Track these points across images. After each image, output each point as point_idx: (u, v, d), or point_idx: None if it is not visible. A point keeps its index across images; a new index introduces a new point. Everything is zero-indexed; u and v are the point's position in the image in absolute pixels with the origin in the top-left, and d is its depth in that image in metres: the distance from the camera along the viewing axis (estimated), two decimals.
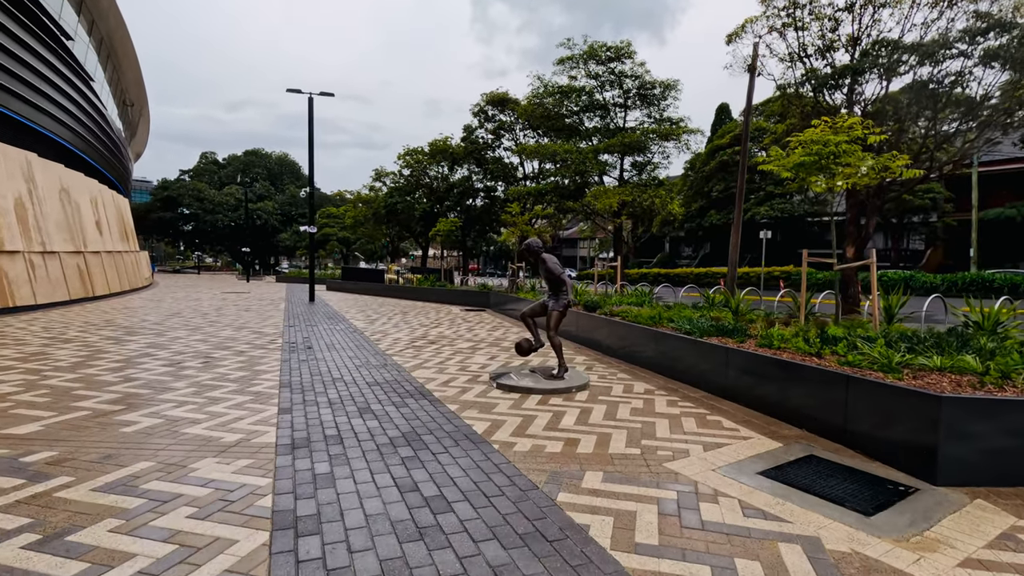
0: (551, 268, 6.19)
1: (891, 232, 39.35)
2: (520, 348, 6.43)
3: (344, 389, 5.83)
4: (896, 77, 13.26)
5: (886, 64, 12.31)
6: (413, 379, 6.39)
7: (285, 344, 9.11)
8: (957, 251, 35.69)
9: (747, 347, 5.77)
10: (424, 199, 37.33)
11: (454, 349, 8.87)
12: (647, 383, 6.40)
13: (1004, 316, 6.74)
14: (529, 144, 25.43)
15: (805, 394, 4.62)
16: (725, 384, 5.63)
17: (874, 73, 13.57)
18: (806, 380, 4.63)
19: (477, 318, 14.32)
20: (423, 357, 8.00)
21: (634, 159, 24.06)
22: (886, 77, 13.61)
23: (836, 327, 6.80)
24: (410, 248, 68.28)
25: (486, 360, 7.85)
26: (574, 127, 26.57)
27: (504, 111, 30.80)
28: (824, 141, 7.81)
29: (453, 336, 10.52)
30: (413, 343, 9.49)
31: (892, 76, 12.83)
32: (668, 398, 5.65)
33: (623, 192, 16.99)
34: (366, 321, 13.09)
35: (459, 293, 19.74)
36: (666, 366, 6.84)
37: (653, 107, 23.00)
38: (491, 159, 33.68)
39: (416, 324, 12.55)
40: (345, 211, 49.10)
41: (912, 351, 5.00)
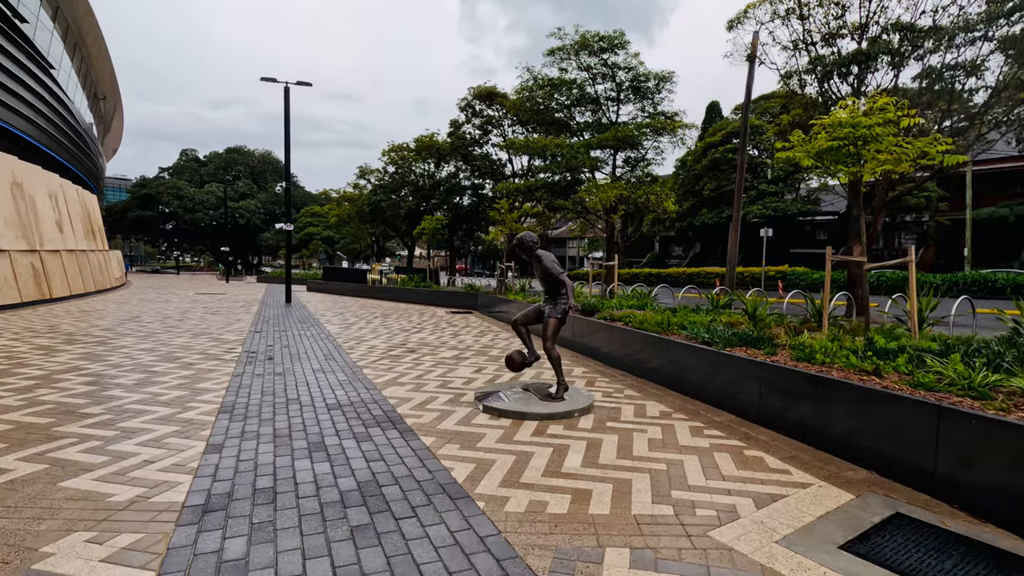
0: (548, 267, 5.21)
1: (884, 231, 38.90)
2: (511, 362, 5.43)
3: (297, 415, 4.79)
4: (907, 66, 12.49)
5: (901, 49, 11.49)
6: (384, 400, 5.37)
7: (244, 354, 8.03)
8: (949, 250, 35.35)
9: (780, 361, 4.83)
10: (410, 197, 36.15)
11: (436, 359, 7.85)
12: (661, 402, 5.43)
13: None
14: (518, 139, 24.39)
15: (870, 425, 3.67)
16: (758, 407, 4.68)
17: (884, 61, 12.79)
18: (868, 406, 3.69)
19: (463, 321, 13.30)
20: (399, 370, 6.97)
21: (627, 155, 23.13)
22: (896, 65, 12.84)
23: (879, 336, 5.90)
24: (396, 248, 67.03)
25: (471, 374, 6.84)
26: (564, 122, 25.61)
27: (492, 105, 29.73)
28: (854, 123, 6.91)
29: (436, 343, 9.50)
30: (390, 352, 8.45)
31: (905, 64, 12.04)
32: (690, 424, 4.69)
33: (620, 186, 16.07)
34: (341, 325, 12.01)
35: (445, 294, 18.71)
36: (681, 381, 5.89)
37: (647, 100, 22.11)
38: (479, 156, 32.61)
39: (396, 329, 11.50)
40: (329, 210, 47.73)
41: (992, 367, 4.08)
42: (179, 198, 65.26)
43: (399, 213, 35.32)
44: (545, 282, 5.35)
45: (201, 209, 65.29)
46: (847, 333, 6.70)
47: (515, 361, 5.41)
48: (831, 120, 7.23)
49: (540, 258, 5.27)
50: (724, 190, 39.19)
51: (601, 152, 23.46)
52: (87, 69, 31.74)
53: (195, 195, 65.82)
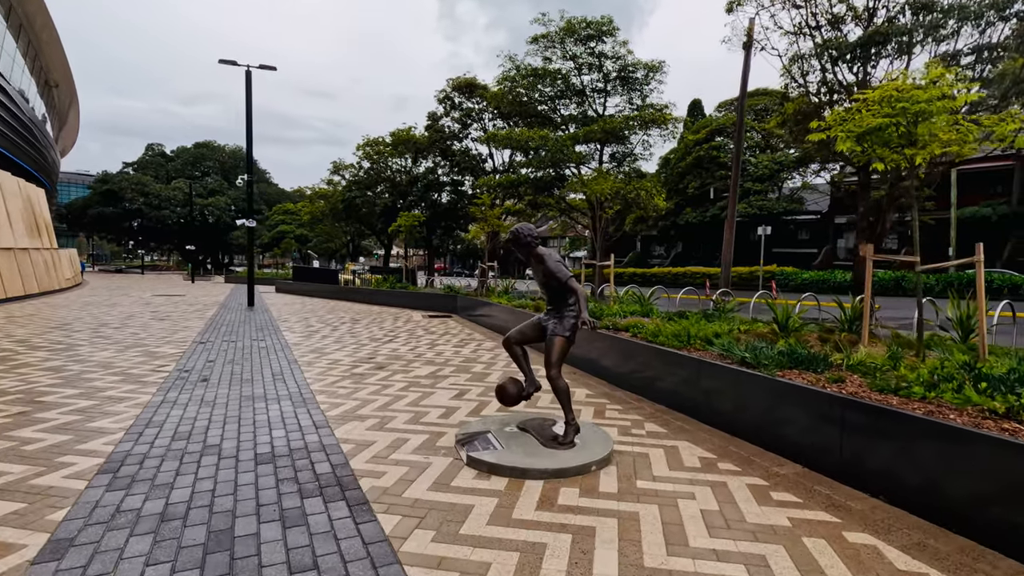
0: (552, 269, 3.96)
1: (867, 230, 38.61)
2: (504, 394, 4.17)
3: (208, 475, 3.46)
4: (921, 51, 11.62)
5: (928, 25, 10.55)
6: (336, 445, 4.06)
7: (175, 373, 6.62)
8: (932, 250, 35.16)
9: (858, 393, 3.67)
10: (386, 193, 34.64)
11: (408, 378, 6.54)
12: (695, 442, 4.23)
13: None
14: (500, 131, 23.12)
15: None
16: (840, 460, 3.48)
17: (894, 46, 11.88)
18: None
19: (442, 327, 11.99)
20: (362, 396, 5.65)
21: (613, 149, 22.07)
22: (907, 50, 11.94)
23: (936, 351, 4.80)
24: (373, 246, 65.25)
25: (451, 400, 5.56)
26: (547, 115, 24.43)
27: (472, 98, 28.41)
28: (910, 97, 5.82)
29: (410, 356, 8.18)
30: (354, 369, 7.11)
31: (923, 46, 11.13)
32: (748, 481, 3.48)
33: (613, 180, 14.97)
34: (304, 333, 10.60)
35: (422, 296, 17.35)
36: (712, 411, 4.70)
37: (635, 92, 21.06)
38: (458, 150, 31.26)
39: (366, 337, 10.13)
40: (302, 207, 45.83)
41: None
42: (144, 194, 62.36)
43: (374, 210, 33.77)
44: (548, 288, 4.10)
45: (168, 206, 62.50)
46: (897, 346, 5.61)
47: (509, 393, 4.14)
48: (878, 94, 6.14)
49: (542, 258, 4.02)
50: (708, 188, 38.50)
51: (586, 147, 22.36)
52: (36, 54, 29.48)
53: (161, 191, 62.99)
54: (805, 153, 36.52)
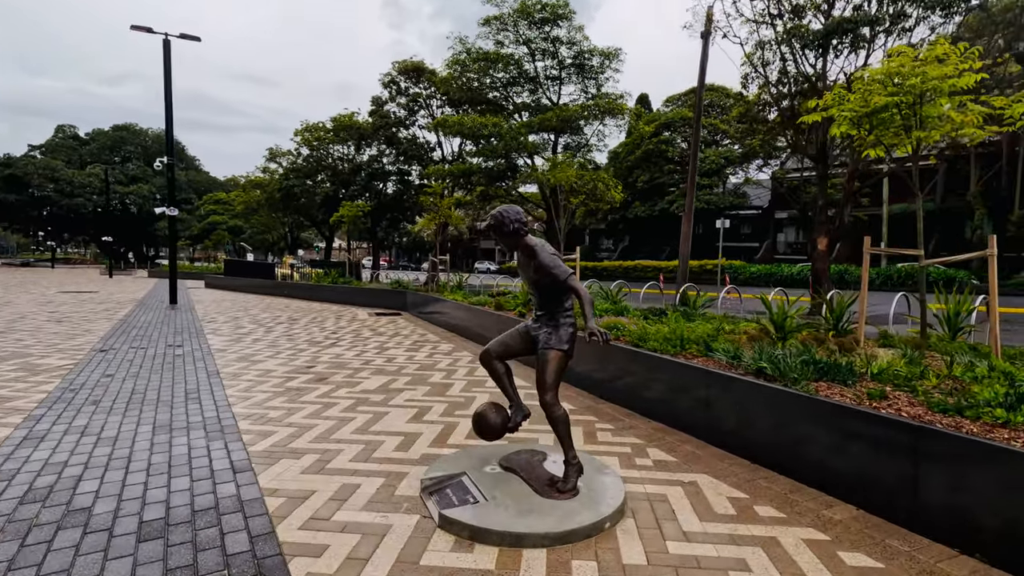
0: (546, 264, 3.06)
1: (803, 225, 40.04)
2: (485, 426, 3.24)
3: (59, 568, 2.36)
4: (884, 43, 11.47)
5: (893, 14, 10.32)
6: (258, 502, 3.02)
7: (55, 393, 5.29)
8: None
9: (921, 416, 3.01)
10: (327, 182, 32.68)
11: (355, 394, 5.50)
12: (716, 476, 3.47)
13: None
14: (450, 116, 21.96)
15: None
16: (917, 506, 2.78)
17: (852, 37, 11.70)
18: None
19: (391, 327, 10.89)
20: (298, 420, 4.58)
21: (568, 140, 21.41)
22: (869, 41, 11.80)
23: (996, 359, 4.28)
24: (312, 238, 62.42)
25: (410, 423, 4.58)
26: (499, 103, 23.48)
27: (419, 83, 27.01)
28: (920, 75, 5.29)
29: (356, 363, 7.10)
30: (289, 381, 5.98)
31: (888, 36, 10.95)
32: (802, 533, 2.73)
33: (574, 169, 14.23)
34: (232, 337, 9.25)
35: (368, 292, 16.09)
36: (722, 430, 3.96)
37: (590, 80, 20.44)
38: (404, 138, 29.78)
39: (304, 341, 8.92)
40: (236, 197, 42.78)
41: None
42: (54, 180, 56.81)
43: (314, 200, 31.79)
44: (538, 288, 3.20)
45: (82, 193, 57.22)
46: (910, 349, 5.10)
47: (491, 424, 3.22)
48: (882, 71, 5.60)
49: (533, 250, 3.12)
50: (658, 182, 38.71)
51: (539, 136, 21.58)
52: None
53: (74, 177, 57.58)
54: (750, 149, 37.35)
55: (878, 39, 11.78)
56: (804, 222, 38.90)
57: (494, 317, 8.69)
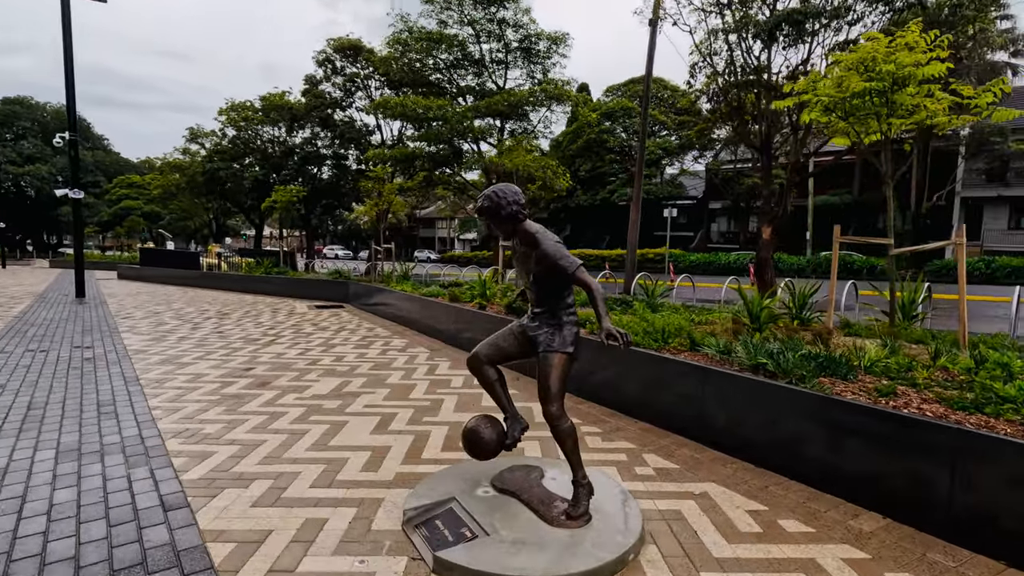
0: (549, 253, 2.61)
1: (735, 215, 41.73)
2: (479, 443, 2.77)
3: None
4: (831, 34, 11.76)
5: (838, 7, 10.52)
6: (199, 553, 2.43)
7: None
8: (793, 233, 38.79)
9: (946, 415, 2.83)
10: (256, 166, 30.58)
11: (305, 401, 4.87)
12: (725, 484, 3.18)
13: None
14: (391, 98, 20.90)
15: None
16: (954, 516, 2.58)
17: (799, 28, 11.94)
18: None
19: (335, 321, 10.12)
20: (241, 436, 3.93)
21: (514, 125, 20.96)
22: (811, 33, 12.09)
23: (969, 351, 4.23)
24: (240, 226, 58.89)
25: (374, 434, 4.04)
26: (442, 86, 22.66)
27: (356, 62, 25.63)
28: (894, 61, 5.22)
29: (301, 363, 6.41)
30: (226, 387, 5.25)
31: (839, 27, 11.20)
32: (840, 551, 2.47)
33: (532, 154, 13.79)
34: (153, 335, 8.22)
35: (305, 283, 15.07)
36: (728, 436, 3.70)
37: (536, 65, 20.04)
38: (341, 121, 28.28)
39: (238, 339, 8.06)
40: (151, 180, 39.29)
41: None
42: None
43: (242, 185, 29.68)
44: (538, 281, 2.76)
45: None
46: (888, 339, 5.07)
47: (484, 441, 2.76)
48: (856, 57, 5.51)
49: (534, 237, 2.67)
50: (599, 171, 39.05)
51: (483, 121, 21.00)
52: None
53: None
54: (687, 140, 38.32)
55: (819, 35, 12.09)
56: (736, 212, 40.57)
57: (449, 310, 8.17)
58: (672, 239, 42.49)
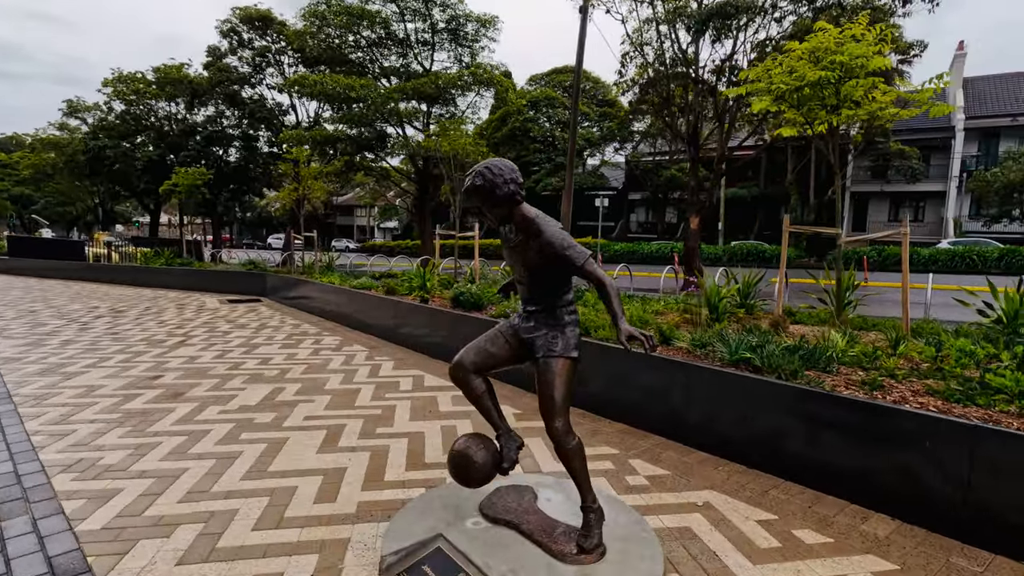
0: (556, 242, 2.20)
1: (654, 206, 43.31)
2: (469, 469, 2.32)
3: None
4: (751, 27, 12.14)
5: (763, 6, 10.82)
6: None
7: None
8: (706, 223, 40.82)
9: (950, 410, 2.77)
10: (150, 145, 27.61)
11: (231, 414, 4.17)
12: (724, 491, 2.96)
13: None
14: (309, 75, 19.40)
15: None
16: (965, 516, 2.48)
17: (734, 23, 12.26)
18: None
19: (253, 317, 9.15)
20: (153, 466, 3.22)
21: (440, 111, 20.22)
22: (736, 28, 12.44)
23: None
24: (132, 212, 53.52)
25: (321, 454, 3.48)
26: (363, 65, 21.44)
27: (266, 35, 23.63)
28: (846, 51, 5.27)
29: (221, 368, 5.60)
30: (128, 402, 4.41)
31: (762, 23, 11.56)
32: (870, 564, 2.30)
33: (472, 138, 13.14)
34: (29, 339, 6.95)
35: (215, 276, 13.67)
36: (713, 436, 3.51)
37: (464, 48, 19.38)
38: (249, 99, 26.08)
39: (139, 340, 7.00)
40: (21, 159, 34.44)
41: None
42: None
43: (134, 166, 26.67)
44: (535, 274, 2.35)
45: None
46: (849, 330, 5.15)
47: (477, 465, 2.32)
48: (808, 46, 5.52)
49: (535, 224, 2.25)
50: (525, 160, 38.95)
51: (408, 104, 20.09)
52: None
53: None
54: (608, 131, 39.14)
55: (744, 30, 12.46)
56: (655, 203, 42.08)
57: (386, 303, 7.57)
58: (595, 229, 43.46)
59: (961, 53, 31.04)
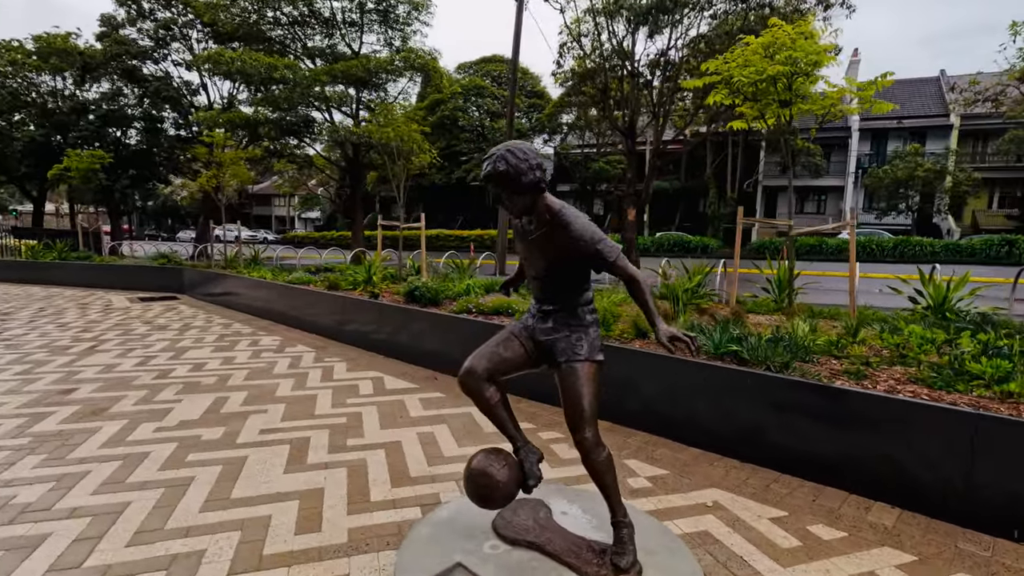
0: (585, 235, 1.99)
1: (582, 198, 44.13)
2: (491, 488, 2.08)
3: None
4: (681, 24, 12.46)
5: None
6: None
7: None
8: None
9: (940, 397, 2.86)
10: (31, 124, 24.49)
11: (171, 432, 3.64)
12: (726, 488, 2.91)
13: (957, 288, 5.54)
14: (226, 51, 17.84)
15: None
16: (976, 497, 2.54)
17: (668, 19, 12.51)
18: None
19: (175, 317, 8.27)
20: (84, 502, 2.70)
21: (370, 96, 19.32)
22: (671, 25, 12.74)
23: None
24: (10, 199, 47.68)
25: (291, 474, 3.09)
26: (283, 44, 20.09)
27: (171, 5, 21.49)
28: (800, 48, 5.42)
29: (147, 377, 4.94)
30: (38, 423, 3.74)
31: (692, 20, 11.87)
32: (888, 558, 2.29)
33: (418, 124, 12.40)
34: None
35: (121, 271, 12.32)
36: (698, 430, 3.47)
37: (395, 31, 18.56)
38: (152, 76, 23.70)
39: (38, 347, 6.07)
40: None
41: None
42: None
43: (12, 147, 23.54)
44: (556, 272, 2.15)
45: None
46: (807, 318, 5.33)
47: (499, 483, 2.08)
48: (764, 41, 5.62)
49: (562, 216, 2.02)
50: (454, 149, 38.32)
51: (334, 88, 19.06)
52: None
53: None
54: (537, 123, 39.29)
55: (679, 25, 12.78)
56: (583, 195, 42.83)
57: (330, 300, 7.08)
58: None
59: (856, 59, 33.85)
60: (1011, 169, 30.49)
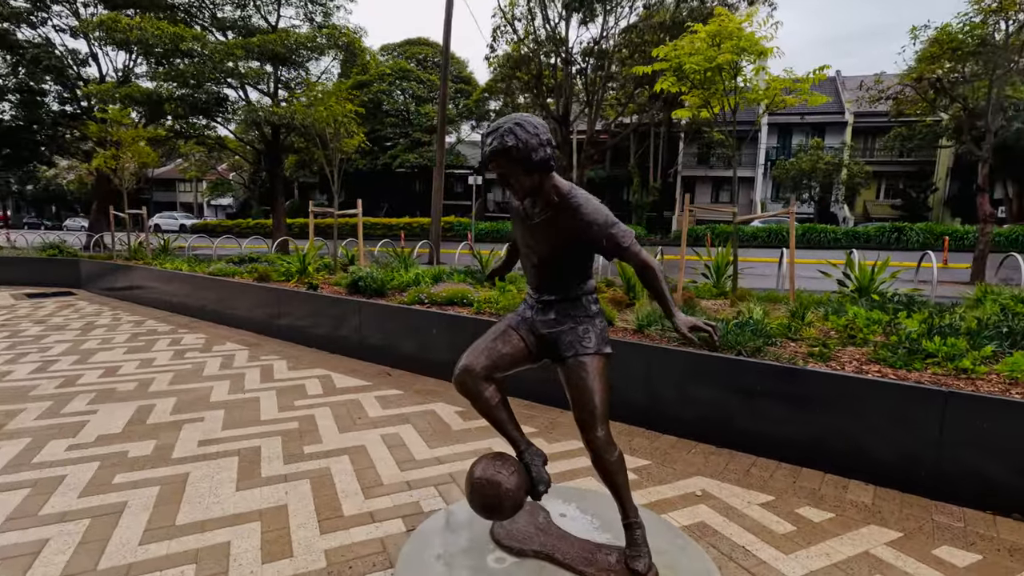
0: (596, 219, 1.83)
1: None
2: (500, 496, 1.88)
3: None
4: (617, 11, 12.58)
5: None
6: None
7: None
8: None
9: (920, 379, 2.98)
10: None
11: (89, 448, 3.14)
12: (717, 478, 2.90)
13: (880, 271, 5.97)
14: (123, 18, 15.94)
15: None
16: (939, 472, 2.66)
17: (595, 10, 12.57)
18: None
19: (74, 315, 7.32)
20: (2, 539, 2.24)
21: (290, 74, 18.11)
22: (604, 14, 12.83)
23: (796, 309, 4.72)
24: None
25: (243, 491, 2.73)
26: (189, 12, 18.38)
27: None
28: (743, 37, 5.53)
29: (50, 386, 4.28)
30: None
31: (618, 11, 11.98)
32: (876, 536, 2.34)
33: (352, 104, 11.50)
34: None
35: (1, 264, 10.81)
36: (672, 418, 3.45)
37: (316, 5, 17.42)
38: (29, 42, 20.89)
39: None
40: None
41: None
42: None
43: None
44: (560, 260, 1.98)
45: None
46: (753, 303, 5.50)
47: (507, 491, 1.88)
48: (711, 29, 5.68)
49: (571, 197, 1.85)
50: (379, 134, 36.98)
51: (248, 64, 17.69)
52: None
53: None
54: (465, 108, 38.72)
55: (612, 13, 12.89)
56: None
57: (260, 292, 6.52)
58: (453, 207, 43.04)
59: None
60: (895, 163, 33.77)
